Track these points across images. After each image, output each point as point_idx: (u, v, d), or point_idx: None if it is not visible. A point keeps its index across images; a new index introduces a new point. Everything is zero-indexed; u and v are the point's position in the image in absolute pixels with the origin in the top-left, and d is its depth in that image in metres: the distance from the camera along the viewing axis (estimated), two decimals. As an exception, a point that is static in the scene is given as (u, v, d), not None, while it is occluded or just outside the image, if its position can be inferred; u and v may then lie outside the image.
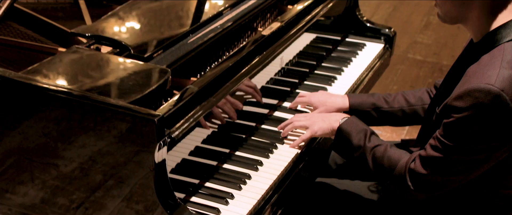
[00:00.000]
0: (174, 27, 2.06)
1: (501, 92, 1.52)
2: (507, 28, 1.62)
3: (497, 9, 1.63)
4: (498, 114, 1.54)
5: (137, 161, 1.56)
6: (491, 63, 1.59)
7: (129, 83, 1.68)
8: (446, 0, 1.67)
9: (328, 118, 1.97)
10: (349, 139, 1.88)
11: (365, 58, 2.61)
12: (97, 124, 1.55)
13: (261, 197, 1.77)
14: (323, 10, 2.41)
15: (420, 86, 4.42)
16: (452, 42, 5.04)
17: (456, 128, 1.60)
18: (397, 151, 1.81)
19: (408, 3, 5.84)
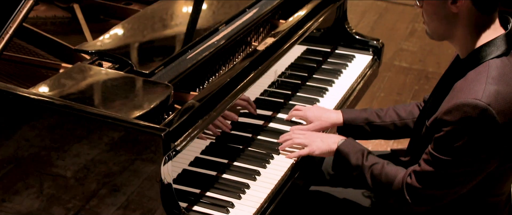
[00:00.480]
0: (173, 43, 2.15)
1: (488, 106, 1.62)
2: (491, 46, 1.72)
3: (481, 29, 1.74)
4: (485, 127, 1.64)
5: (144, 173, 1.65)
6: (477, 79, 1.68)
7: (134, 98, 1.77)
8: (433, 20, 1.77)
9: (327, 139, 2.06)
10: (348, 159, 1.97)
11: (355, 70, 2.72)
12: (106, 138, 1.64)
13: (260, 205, 1.86)
14: (314, 24, 2.50)
15: (407, 93, 4.54)
16: (437, 49, 5.16)
17: (446, 141, 1.69)
18: (393, 167, 1.90)
19: (393, 11, 5.96)
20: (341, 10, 2.84)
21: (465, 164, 1.69)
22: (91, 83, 1.84)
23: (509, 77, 1.68)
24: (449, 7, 1.72)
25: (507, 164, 1.75)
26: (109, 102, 1.74)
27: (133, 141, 1.63)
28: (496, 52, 1.71)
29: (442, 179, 1.75)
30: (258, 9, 2.45)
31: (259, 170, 2.00)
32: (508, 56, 1.72)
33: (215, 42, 2.16)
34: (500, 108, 1.62)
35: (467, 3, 1.70)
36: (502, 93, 1.64)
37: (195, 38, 2.15)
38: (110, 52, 2.00)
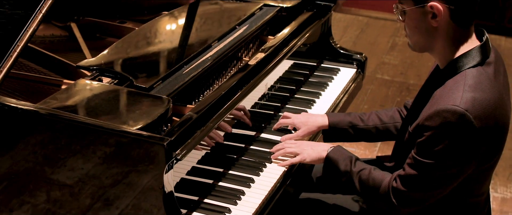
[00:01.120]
0: (169, 59, 2.27)
1: (466, 112, 1.75)
2: (468, 56, 1.86)
3: (459, 41, 1.87)
4: (464, 131, 1.76)
5: (147, 181, 1.75)
6: (455, 87, 1.82)
7: (136, 111, 1.88)
8: (415, 33, 1.91)
9: (317, 147, 2.18)
10: (337, 166, 2.09)
11: (340, 82, 2.85)
12: (112, 149, 1.75)
13: (255, 210, 1.98)
14: (301, 39, 2.64)
15: (389, 105, 4.69)
16: (417, 62, 5.33)
17: (428, 145, 1.82)
18: (380, 172, 2.02)
19: (374, 26, 6.13)
20: (326, 26, 2.98)
21: (446, 166, 1.82)
22: (94, 98, 1.95)
23: (484, 85, 1.81)
24: (430, 21, 1.85)
25: (484, 165, 1.88)
26: (113, 115, 1.85)
27: (137, 151, 1.74)
28: (472, 62, 1.85)
29: (426, 181, 1.87)
30: (247, 26, 2.58)
31: (253, 178, 2.11)
32: (484, 65, 1.85)
33: (209, 58, 2.28)
34: (477, 114, 1.75)
35: (446, 18, 1.83)
36: (478, 100, 1.77)
37: (190, 54, 2.27)
38: (111, 68, 2.12)
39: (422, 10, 1.85)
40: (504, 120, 1.84)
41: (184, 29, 2.51)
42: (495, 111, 1.79)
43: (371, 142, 2.36)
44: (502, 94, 1.84)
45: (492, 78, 1.83)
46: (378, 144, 4.03)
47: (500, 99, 1.82)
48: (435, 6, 1.81)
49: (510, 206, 3.65)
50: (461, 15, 1.84)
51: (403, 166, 1.93)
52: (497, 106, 1.80)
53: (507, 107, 1.88)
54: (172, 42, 2.40)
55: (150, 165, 1.74)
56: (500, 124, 1.81)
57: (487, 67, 1.85)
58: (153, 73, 2.12)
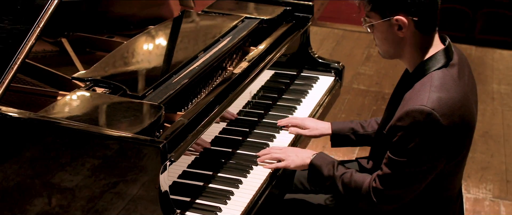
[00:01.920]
0: (159, 69, 2.40)
1: (432, 111, 1.90)
2: (433, 60, 2.02)
3: (424, 46, 2.03)
4: (431, 129, 1.91)
5: (144, 182, 1.88)
6: (423, 89, 1.97)
7: (131, 118, 2.00)
8: (384, 43, 2.06)
9: (301, 154, 2.31)
10: (321, 171, 2.23)
11: (319, 90, 3.00)
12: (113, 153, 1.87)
13: (244, 209, 2.11)
14: (282, 49, 2.79)
15: (366, 113, 4.85)
16: (392, 72, 5.51)
17: (401, 144, 1.96)
18: (361, 175, 2.16)
19: (349, 38, 6.32)
20: (304, 36, 3.14)
21: (419, 163, 1.96)
22: (92, 106, 2.07)
23: (449, 85, 1.96)
24: (396, 33, 2.01)
25: (454, 161, 2.03)
26: (110, 121, 1.97)
27: (135, 153, 1.86)
28: (437, 64, 2.00)
29: (402, 179, 2.01)
30: (231, 38, 2.72)
31: (241, 179, 2.25)
32: (448, 67, 2.01)
33: (196, 68, 2.42)
34: (443, 112, 1.90)
35: (411, 29, 1.99)
36: (444, 99, 1.92)
37: (178, 64, 2.40)
38: (105, 79, 2.24)
39: (388, 23, 2.00)
40: (469, 117, 1.99)
41: (172, 41, 2.65)
42: (460, 109, 1.94)
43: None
44: (466, 93, 2.00)
45: (456, 79, 1.99)
46: (357, 150, 4.18)
47: (464, 98, 1.97)
48: (400, 19, 1.97)
49: (482, 206, 3.81)
50: (424, 24, 2.00)
51: (381, 166, 2.07)
52: (462, 104, 1.95)
53: (472, 106, 2.04)
54: (161, 53, 2.53)
55: (147, 167, 1.87)
56: (466, 121, 1.97)
57: (451, 69, 2.00)
58: (144, 83, 2.25)
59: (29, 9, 2.07)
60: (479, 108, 5.15)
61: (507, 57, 6.47)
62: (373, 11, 2.02)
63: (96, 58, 2.69)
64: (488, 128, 4.82)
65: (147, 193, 1.89)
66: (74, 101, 2.09)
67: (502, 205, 3.83)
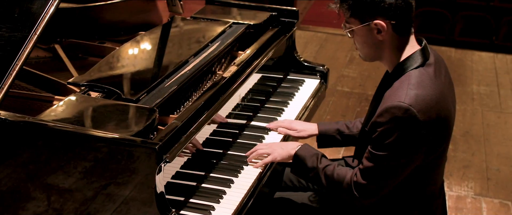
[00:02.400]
0: (152, 74, 2.48)
1: (410, 107, 2.00)
2: (410, 60, 2.12)
3: (402, 48, 2.14)
4: (409, 124, 2.01)
5: (141, 182, 1.95)
6: (401, 87, 2.07)
7: (127, 121, 2.08)
8: (364, 47, 2.17)
9: (286, 146, 2.41)
10: (305, 162, 2.32)
11: (306, 92, 3.09)
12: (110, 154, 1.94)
13: (236, 207, 2.19)
14: (270, 52, 2.88)
15: (350, 115, 4.96)
16: (374, 74, 5.63)
17: (381, 139, 2.06)
18: (343, 168, 2.26)
19: (332, 41, 6.43)
20: (290, 40, 3.23)
21: (398, 156, 2.06)
22: (89, 110, 2.14)
23: (426, 83, 2.07)
24: (376, 36, 2.11)
25: (432, 155, 2.12)
26: (108, 124, 2.05)
27: (132, 155, 1.94)
28: (415, 64, 2.11)
29: (382, 172, 2.11)
30: (219, 43, 2.81)
31: (232, 179, 2.33)
32: (425, 66, 2.11)
33: (187, 72, 2.50)
34: (420, 108, 2.01)
35: (389, 31, 2.10)
36: (421, 96, 2.03)
37: (170, 69, 2.48)
38: (100, 84, 2.31)
39: (367, 28, 2.11)
40: (446, 113, 2.10)
41: (163, 47, 2.73)
42: (436, 105, 2.04)
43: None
44: (443, 91, 2.10)
45: (433, 77, 2.09)
46: (342, 150, 4.28)
47: (441, 95, 2.08)
48: (378, 23, 2.08)
49: (464, 203, 3.93)
50: (401, 27, 2.11)
51: (361, 161, 2.17)
52: (438, 101, 2.05)
53: (449, 103, 2.14)
54: (153, 58, 2.61)
55: (143, 168, 1.94)
56: (442, 117, 2.07)
57: (428, 68, 2.11)
58: (138, 87, 2.32)
59: (26, 16, 2.14)
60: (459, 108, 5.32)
61: (485, 58, 6.61)
62: (353, 17, 2.13)
63: (89, 64, 2.77)
64: (468, 128, 4.95)
65: (143, 193, 1.97)
66: (71, 105, 2.16)
67: (483, 202, 3.95)
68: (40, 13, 2.14)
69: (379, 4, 2.07)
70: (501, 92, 5.72)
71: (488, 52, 6.79)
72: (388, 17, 2.08)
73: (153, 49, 2.71)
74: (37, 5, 2.15)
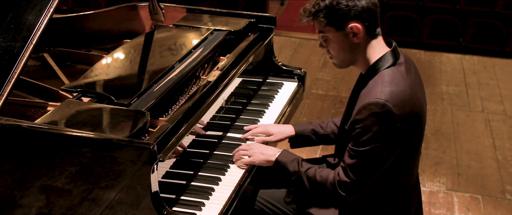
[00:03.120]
0: (141, 79, 2.60)
1: (386, 102, 2.15)
2: (382, 60, 2.28)
3: (374, 49, 2.29)
4: (386, 118, 2.16)
5: (137, 180, 2.08)
6: (376, 85, 2.22)
7: (121, 124, 2.20)
8: (341, 53, 2.31)
9: (266, 152, 2.53)
10: (286, 167, 2.45)
11: (285, 94, 3.24)
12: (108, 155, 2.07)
13: (225, 202, 2.33)
14: (251, 57, 3.02)
15: (325, 116, 5.12)
16: (348, 76, 5.81)
17: (361, 135, 2.21)
18: (324, 170, 2.39)
19: (306, 45, 6.60)
20: (269, 45, 3.38)
21: (377, 150, 2.20)
22: (84, 115, 2.26)
23: (398, 80, 2.22)
24: (352, 40, 2.26)
25: (408, 148, 2.28)
26: (104, 127, 2.17)
27: (128, 155, 2.06)
28: (387, 64, 2.27)
29: (363, 167, 2.24)
30: (202, 49, 2.94)
31: (220, 177, 2.46)
32: (396, 65, 2.27)
33: (174, 77, 2.63)
34: (395, 103, 2.16)
35: (363, 34, 2.25)
36: (395, 92, 2.18)
37: (157, 74, 2.61)
38: (92, 90, 2.44)
39: (343, 33, 2.26)
40: (418, 108, 2.25)
41: (150, 53, 2.86)
42: (409, 100, 2.20)
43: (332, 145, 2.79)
44: (414, 87, 2.26)
45: (404, 75, 2.25)
46: (319, 149, 4.44)
47: (412, 91, 2.23)
48: (354, 26, 2.23)
49: (437, 198, 4.11)
50: (372, 28, 2.27)
51: (343, 159, 2.30)
52: (410, 96, 2.21)
53: (420, 98, 2.30)
54: (141, 64, 2.74)
55: (139, 167, 2.07)
56: (415, 111, 2.23)
57: (399, 67, 2.27)
58: (129, 92, 2.45)
59: (22, 27, 2.25)
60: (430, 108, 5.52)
61: (453, 60, 6.84)
62: (328, 25, 2.27)
63: (77, 71, 2.90)
64: (439, 127, 5.15)
65: (140, 192, 2.10)
66: (67, 110, 2.28)
67: (454, 196, 4.14)
68: (35, 23, 2.26)
69: (352, 9, 2.21)
70: (469, 92, 5.94)
71: (456, 54, 7.02)
72: (362, 20, 2.23)
73: (140, 56, 2.84)
74: (32, 16, 2.27)
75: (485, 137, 5.01)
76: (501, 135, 5.06)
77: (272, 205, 2.62)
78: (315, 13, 2.27)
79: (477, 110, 5.55)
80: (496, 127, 5.21)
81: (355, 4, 2.21)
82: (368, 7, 2.22)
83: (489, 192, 4.20)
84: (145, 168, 2.08)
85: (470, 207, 4.02)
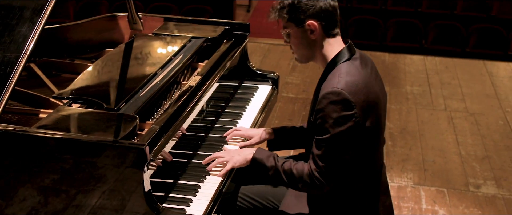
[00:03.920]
0: (127, 85, 2.76)
1: (342, 91, 2.34)
2: (339, 55, 2.48)
3: (332, 47, 2.49)
4: (344, 105, 2.35)
5: (130, 179, 2.24)
6: (333, 77, 2.42)
7: (113, 127, 2.36)
8: (300, 48, 2.52)
9: (243, 152, 2.69)
10: (263, 163, 2.62)
11: (260, 97, 3.43)
12: (103, 156, 2.22)
13: (211, 198, 2.49)
14: (228, 62, 3.20)
15: (297, 118, 5.32)
16: (316, 80, 5.97)
17: (323, 124, 2.39)
18: (299, 162, 2.56)
19: (275, 51, 6.80)
20: (243, 51, 3.56)
21: (341, 135, 2.37)
22: (78, 120, 2.41)
23: (353, 72, 2.42)
24: (309, 36, 2.47)
25: (369, 135, 2.45)
26: (97, 131, 2.32)
27: (121, 155, 2.22)
28: (343, 58, 2.47)
29: (330, 154, 2.41)
30: (182, 56, 3.11)
31: (205, 175, 2.63)
32: (351, 60, 2.47)
33: (158, 82, 2.80)
34: (350, 91, 2.35)
35: (320, 32, 2.46)
36: (350, 82, 2.37)
37: (142, 80, 2.77)
38: (83, 96, 2.59)
39: (302, 29, 2.47)
40: (374, 97, 2.44)
41: (133, 61, 3.02)
42: (363, 89, 2.39)
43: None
44: (369, 79, 2.45)
45: (359, 68, 2.45)
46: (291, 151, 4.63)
47: (367, 82, 2.43)
48: (311, 24, 2.44)
49: (405, 192, 4.33)
50: (329, 27, 2.47)
51: (311, 151, 2.48)
52: (364, 85, 2.40)
53: (376, 90, 2.48)
54: (126, 72, 2.89)
55: (132, 166, 2.23)
56: (370, 99, 2.41)
57: (355, 61, 2.48)
58: (117, 97, 2.61)
59: (16, 39, 2.39)
60: (396, 108, 5.75)
61: (417, 61, 7.10)
62: (290, 21, 2.49)
63: (63, 80, 3.04)
64: (405, 125, 5.38)
65: (133, 190, 2.25)
66: (60, 117, 2.42)
67: (421, 190, 4.37)
68: (28, 35, 2.40)
69: (311, 8, 2.44)
70: (432, 91, 6.20)
71: (419, 55, 7.29)
72: (319, 19, 2.45)
73: (124, 64, 3.00)
74: (25, 28, 2.41)
75: (448, 134, 5.26)
76: (463, 131, 5.32)
77: (253, 200, 2.80)
78: (280, 9, 2.50)
79: (440, 108, 5.80)
80: (458, 124, 5.46)
81: (314, 4, 2.44)
82: (326, 8, 2.44)
83: (454, 185, 4.44)
84: (138, 167, 2.23)
85: (436, 200, 4.25)
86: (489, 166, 4.72)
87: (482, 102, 5.97)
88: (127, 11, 3.53)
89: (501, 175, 4.59)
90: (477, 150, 4.97)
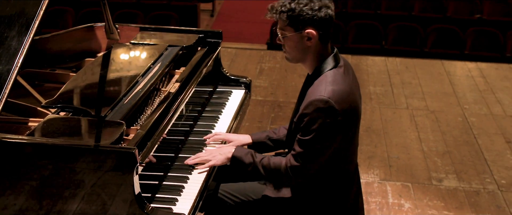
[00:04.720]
0: (112, 93, 2.90)
1: (329, 99, 2.54)
2: (326, 63, 2.67)
3: (322, 54, 2.68)
4: (329, 112, 2.53)
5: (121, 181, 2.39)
6: (320, 84, 2.61)
7: (102, 133, 2.51)
8: (294, 50, 2.68)
9: (223, 151, 2.87)
10: (242, 160, 2.80)
11: (235, 101, 3.60)
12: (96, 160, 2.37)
13: (195, 197, 2.66)
14: (204, 68, 3.37)
15: (266, 120, 5.50)
16: (283, 83, 6.21)
17: (308, 127, 2.57)
18: (276, 157, 2.76)
19: (242, 55, 6.97)
20: (217, 58, 3.73)
21: (322, 139, 2.57)
22: (69, 127, 2.55)
23: (339, 80, 2.61)
24: (305, 43, 2.64)
25: (347, 137, 2.65)
26: (87, 137, 2.47)
27: (112, 159, 2.37)
28: (329, 66, 2.66)
29: (310, 153, 2.60)
30: (161, 64, 3.27)
31: (187, 176, 2.79)
32: (337, 68, 2.66)
33: (140, 90, 2.95)
34: (336, 99, 2.54)
35: (316, 40, 2.63)
36: (336, 90, 2.56)
37: (125, 88, 2.92)
38: (70, 104, 2.72)
39: (300, 35, 2.63)
40: (355, 104, 2.64)
41: (115, 70, 3.16)
42: (348, 97, 2.59)
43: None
44: (351, 86, 2.65)
45: (343, 76, 2.65)
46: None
47: (351, 90, 2.63)
48: (310, 32, 2.61)
49: (372, 187, 4.55)
50: (325, 36, 2.65)
51: (293, 147, 2.67)
52: (348, 94, 2.60)
53: (356, 96, 2.69)
54: (109, 80, 3.04)
55: (122, 170, 2.38)
56: (353, 106, 2.61)
57: (339, 69, 2.67)
58: (103, 105, 2.75)
59: (7, 52, 2.52)
60: (360, 107, 5.92)
61: (378, 62, 7.36)
62: (289, 25, 2.64)
63: (46, 89, 3.18)
64: (369, 124, 5.61)
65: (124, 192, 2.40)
66: (51, 125, 2.56)
67: (388, 185, 4.59)
68: (18, 48, 2.53)
69: (312, 17, 2.59)
70: (394, 91, 6.45)
71: (380, 56, 7.54)
72: (318, 28, 2.61)
73: (107, 73, 3.14)
74: (16, 42, 2.54)
75: (411, 131, 5.51)
76: (425, 128, 5.57)
77: (233, 196, 2.97)
78: (281, 12, 2.64)
79: (402, 107, 6.06)
80: (420, 121, 5.72)
81: (316, 13, 2.59)
82: (326, 18, 2.61)
83: (418, 179, 4.67)
84: (128, 170, 2.38)
85: (402, 194, 4.47)
86: (450, 160, 4.97)
87: (441, 100, 6.24)
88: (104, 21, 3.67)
89: (462, 169, 4.85)
90: (438, 146, 5.22)
